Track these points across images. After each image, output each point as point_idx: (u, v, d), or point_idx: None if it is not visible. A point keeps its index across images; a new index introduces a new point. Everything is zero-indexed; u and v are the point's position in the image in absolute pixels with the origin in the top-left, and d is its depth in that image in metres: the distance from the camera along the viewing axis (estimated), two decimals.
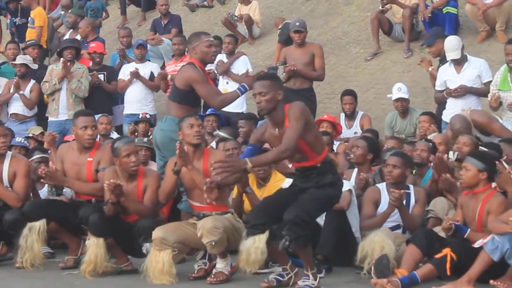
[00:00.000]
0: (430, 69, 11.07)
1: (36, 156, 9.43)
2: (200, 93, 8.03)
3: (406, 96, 10.75)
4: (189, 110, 8.00)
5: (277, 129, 6.62)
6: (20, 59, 12.50)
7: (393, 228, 7.62)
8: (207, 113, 11.18)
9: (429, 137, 9.43)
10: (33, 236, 7.57)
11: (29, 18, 14.95)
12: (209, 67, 12.65)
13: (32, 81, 12.41)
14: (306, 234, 6.47)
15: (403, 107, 10.75)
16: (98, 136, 10.46)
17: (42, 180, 7.89)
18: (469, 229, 6.92)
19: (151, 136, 10.69)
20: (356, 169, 8.58)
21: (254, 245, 6.51)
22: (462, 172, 7.07)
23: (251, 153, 6.73)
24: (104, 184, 7.25)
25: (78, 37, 13.84)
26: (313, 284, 6.61)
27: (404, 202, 7.63)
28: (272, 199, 6.82)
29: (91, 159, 7.85)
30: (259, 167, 7.41)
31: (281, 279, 6.84)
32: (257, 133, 6.83)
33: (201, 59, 8.15)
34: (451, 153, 8.30)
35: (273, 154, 6.53)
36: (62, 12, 16.90)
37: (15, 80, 12.28)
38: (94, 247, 7.34)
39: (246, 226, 6.67)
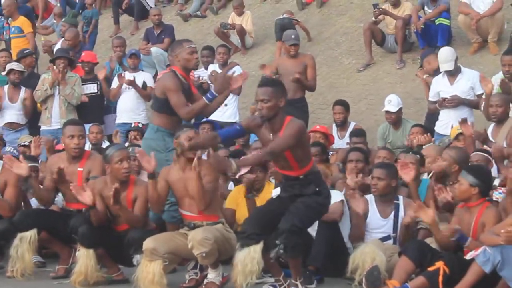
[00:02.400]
0: (424, 76, 11.05)
1: None
2: (170, 102, 7.91)
3: (393, 110, 10.66)
4: (167, 119, 7.96)
5: (271, 134, 6.64)
6: (16, 66, 12.45)
7: (383, 239, 7.62)
8: (202, 120, 11.16)
9: (424, 147, 9.39)
10: (24, 246, 7.56)
11: (13, 28, 14.86)
12: (204, 76, 12.70)
13: (23, 88, 12.36)
14: (301, 242, 6.52)
15: (392, 120, 10.70)
16: (89, 146, 10.48)
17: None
18: (470, 238, 6.89)
19: None
20: None
21: (250, 255, 6.51)
22: (456, 185, 7.09)
23: (235, 132, 6.94)
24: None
25: None
26: None
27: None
28: (265, 209, 6.83)
29: (81, 169, 7.83)
30: (245, 167, 7.44)
31: None
32: (252, 122, 6.77)
33: (184, 66, 8.06)
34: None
35: (255, 156, 6.79)
36: (55, 21, 16.86)
37: (7, 88, 12.26)
38: (84, 258, 7.32)
39: (241, 236, 6.65)
